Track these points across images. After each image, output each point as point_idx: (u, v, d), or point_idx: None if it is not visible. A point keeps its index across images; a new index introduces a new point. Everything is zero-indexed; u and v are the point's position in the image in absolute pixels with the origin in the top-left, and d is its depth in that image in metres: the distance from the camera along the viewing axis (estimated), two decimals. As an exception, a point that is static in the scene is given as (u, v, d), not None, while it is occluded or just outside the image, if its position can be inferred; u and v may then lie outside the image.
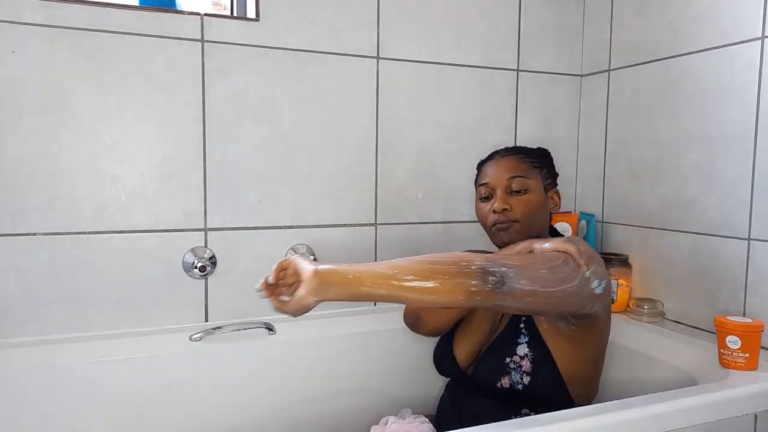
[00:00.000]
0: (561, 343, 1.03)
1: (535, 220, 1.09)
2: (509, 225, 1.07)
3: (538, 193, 1.10)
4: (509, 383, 1.04)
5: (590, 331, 1.03)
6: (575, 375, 1.03)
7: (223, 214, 1.33)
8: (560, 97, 1.66)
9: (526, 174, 1.10)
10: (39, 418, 1.14)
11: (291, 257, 0.87)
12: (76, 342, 1.21)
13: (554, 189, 1.15)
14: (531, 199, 1.09)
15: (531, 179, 1.10)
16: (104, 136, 1.23)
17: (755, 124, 1.20)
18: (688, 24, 1.35)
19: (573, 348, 1.03)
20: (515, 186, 1.08)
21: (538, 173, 1.12)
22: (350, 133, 1.43)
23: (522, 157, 1.13)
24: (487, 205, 1.11)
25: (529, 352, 1.04)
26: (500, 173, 1.10)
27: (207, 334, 1.25)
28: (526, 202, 1.08)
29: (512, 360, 1.05)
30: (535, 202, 1.09)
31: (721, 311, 1.26)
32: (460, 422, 0.83)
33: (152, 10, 1.24)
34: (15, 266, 1.18)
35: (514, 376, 1.04)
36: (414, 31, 1.47)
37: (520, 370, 1.03)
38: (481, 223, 1.14)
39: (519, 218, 1.07)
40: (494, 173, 1.11)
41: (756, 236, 1.21)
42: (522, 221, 1.07)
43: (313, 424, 1.33)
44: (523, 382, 1.03)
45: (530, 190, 1.09)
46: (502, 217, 1.07)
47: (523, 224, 1.07)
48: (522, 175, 1.09)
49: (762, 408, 0.98)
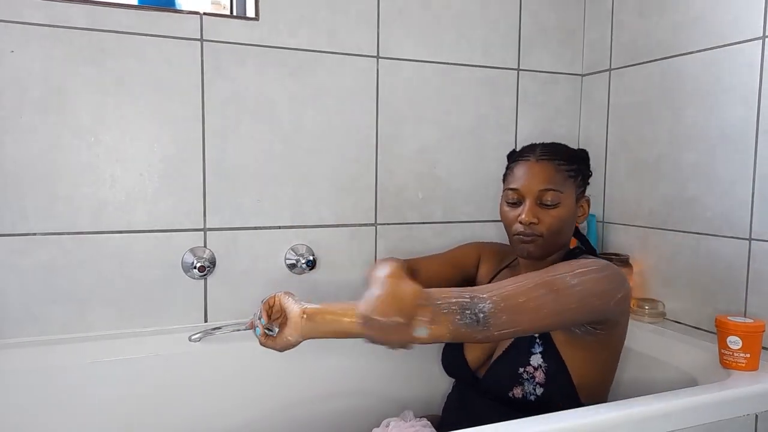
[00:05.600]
0: (577, 352, 0.99)
1: (561, 234, 1.04)
2: (534, 239, 1.03)
3: (569, 206, 1.04)
4: (521, 393, 1.00)
5: (608, 338, 1.00)
6: (588, 383, 1.01)
7: (223, 214, 1.33)
8: (561, 97, 1.66)
9: (560, 187, 1.02)
10: (38, 418, 1.14)
11: (277, 294, 0.89)
12: (76, 342, 1.21)
13: (585, 197, 1.09)
14: (561, 214, 1.03)
15: (564, 192, 1.03)
16: (104, 135, 1.23)
17: (756, 124, 1.20)
18: (688, 24, 1.34)
19: (588, 356, 1.00)
20: (547, 199, 1.02)
21: (573, 183, 1.05)
22: (350, 133, 1.43)
23: (559, 164, 1.04)
24: (513, 211, 1.05)
25: (543, 363, 1.00)
26: (533, 182, 1.03)
27: (206, 334, 1.25)
28: (555, 217, 1.02)
29: (525, 370, 1.01)
30: (565, 216, 1.03)
31: (721, 311, 1.26)
32: (470, 424, 0.82)
33: (152, 9, 1.24)
34: (15, 266, 1.18)
35: (527, 387, 1.00)
36: (414, 31, 1.47)
37: (533, 381, 1.00)
38: (503, 225, 1.09)
39: (545, 233, 1.02)
40: (526, 180, 1.04)
41: (757, 236, 1.20)
42: (547, 237, 1.03)
43: (313, 425, 1.33)
44: (535, 393, 0.99)
45: (562, 204, 1.03)
46: (527, 229, 1.02)
47: (547, 240, 1.03)
48: (556, 189, 1.02)
49: (763, 408, 0.98)
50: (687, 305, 1.36)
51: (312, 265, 1.38)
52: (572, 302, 0.89)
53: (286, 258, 1.39)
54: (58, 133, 1.19)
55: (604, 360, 1.03)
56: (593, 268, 0.93)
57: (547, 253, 1.06)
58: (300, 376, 1.32)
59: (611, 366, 1.06)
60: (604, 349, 1.02)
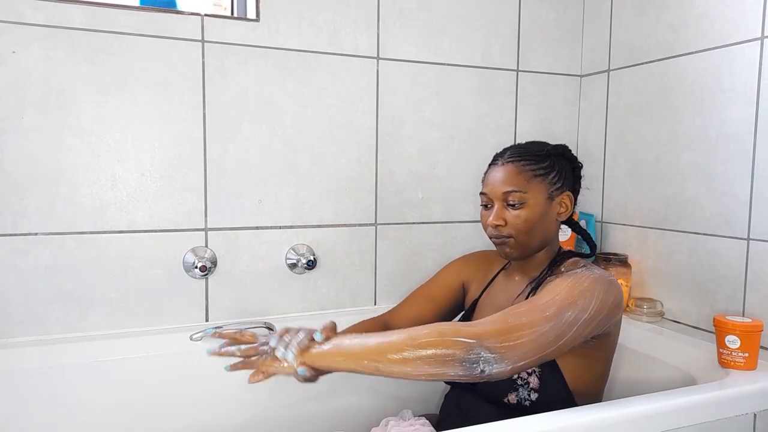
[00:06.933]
0: (570, 358, 0.99)
1: (533, 234, 1.05)
2: (504, 240, 1.05)
3: (537, 205, 1.04)
4: (516, 399, 1.00)
5: (601, 346, 1.01)
6: (583, 387, 1.01)
7: (224, 213, 1.33)
8: (560, 97, 1.66)
9: (523, 188, 1.03)
10: (39, 418, 1.14)
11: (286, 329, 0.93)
12: (76, 342, 1.21)
13: (564, 192, 1.08)
14: (527, 214, 1.03)
15: (529, 192, 1.03)
16: (105, 136, 1.23)
17: (755, 124, 1.21)
18: (688, 24, 1.35)
19: (582, 362, 1.00)
20: (511, 200, 1.04)
21: (541, 181, 1.05)
22: (350, 133, 1.43)
23: (523, 166, 1.05)
24: (487, 213, 1.08)
25: (537, 368, 1.00)
26: (497, 185, 1.05)
27: (207, 334, 1.25)
28: (521, 218, 1.03)
29: (519, 376, 1.00)
30: (532, 217, 1.04)
31: (720, 311, 1.27)
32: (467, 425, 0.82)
33: (152, 10, 1.24)
34: (15, 266, 1.19)
35: (521, 393, 1.00)
36: (414, 31, 1.47)
37: (527, 387, 1.00)
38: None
39: (513, 234, 1.04)
40: (492, 183, 1.07)
41: (755, 236, 1.21)
42: (517, 237, 1.04)
43: (312, 425, 1.33)
44: (530, 398, 0.99)
45: (527, 204, 1.03)
46: (496, 231, 1.05)
47: (518, 240, 1.05)
48: (518, 190, 1.03)
49: (761, 407, 0.99)
50: (685, 305, 1.36)
51: (312, 264, 1.38)
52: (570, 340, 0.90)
53: (286, 258, 1.39)
54: (59, 134, 1.19)
55: (598, 365, 1.04)
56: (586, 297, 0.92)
57: (526, 252, 1.06)
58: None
59: (605, 369, 1.06)
60: (598, 355, 1.03)
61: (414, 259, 1.52)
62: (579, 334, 0.90)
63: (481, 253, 1.30)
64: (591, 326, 0.92)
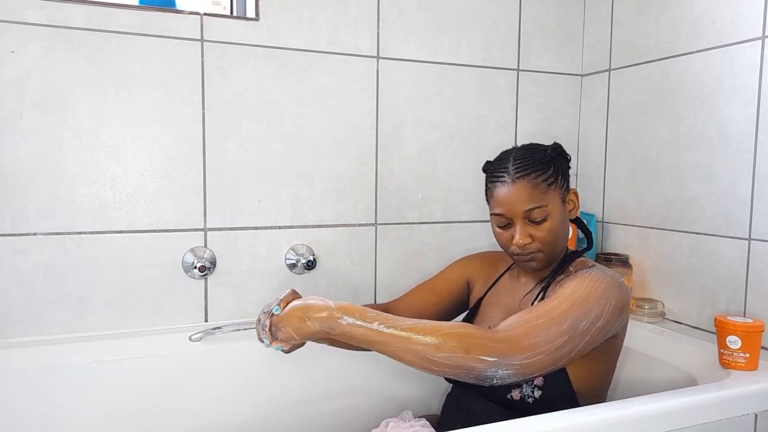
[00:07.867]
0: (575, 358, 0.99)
1: (558, 242, 1.04)
2: (533, 256, 1.03)
3: (558, 214, 1.02)
4: (519, 396, 1.00)
5: (607, 348, 1.01)
6: (587, 386, 1.01)
7: (223, 214, 1.33)
8: (560, 97, 1.66)
9: (543, 201, 1.00)
10: (39, 418, 1.14)
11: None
12: (76, 342, 1.21)
13: (571, 192, 1.08)
14: (550, 225, 1.01)
15: (549, 204, 1.01)
16: (104, 136, 1.23)
17: (755, 124, 1.20)
18: (688, 24, 1.35)
19: (588, 363, 1.00)
20: (535, 217, 1.00)
21: (555, 189, 1.02)
22: (350, 133, 1.43)
23: (534, 179, 1.01)
24: (506, 233, 1.04)
25: None
26: (516, 204, 1.00)
27: (207, 334, 1.25)
28: (548, 230, 1.01)
29: None
30: (558, 225, 1.02)
31: (721, 311, 1.26)
32: (469, 425, 0.82)
33: (152, 9, 1.24)
34: (15, 266, 1.18)
35: (524, 389, 1.00)
36: (414, 31, 1.47)
37: (531, 384, 0.99)
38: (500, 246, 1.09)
39: (542, 248, 1.02)
40: (508, 204, 1.01)
41: (756, 236, 1.21)
42: (545, 250, 1.03)
43: (312, 425, 1.33)
44: (534, 395, 0.99)
45: (551, 215, 1.01)
46: (524, 249, 1.02)
47: (546, 252, 1.03)
48: (540, 205, 1.00)
49: (762, 408, 0.98)
50: (686, 305, 1.36)
51: (312, 265, 1.38)
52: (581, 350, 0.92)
53: (286, 258, 1.39)
54: (59, 133, 1.19)
55: (603, 366, 1.04)
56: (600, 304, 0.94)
57: (552, 261, 1.06)
58: (299, 376, 1.32)
59: (610, 370, 1.06)
60: (604, 356, 1.02)
61: (414, 259, 1.52)
62: (591, 342, 0.92)
63: (485, 254, 1.30)
64: (602, 333, 0.94)
